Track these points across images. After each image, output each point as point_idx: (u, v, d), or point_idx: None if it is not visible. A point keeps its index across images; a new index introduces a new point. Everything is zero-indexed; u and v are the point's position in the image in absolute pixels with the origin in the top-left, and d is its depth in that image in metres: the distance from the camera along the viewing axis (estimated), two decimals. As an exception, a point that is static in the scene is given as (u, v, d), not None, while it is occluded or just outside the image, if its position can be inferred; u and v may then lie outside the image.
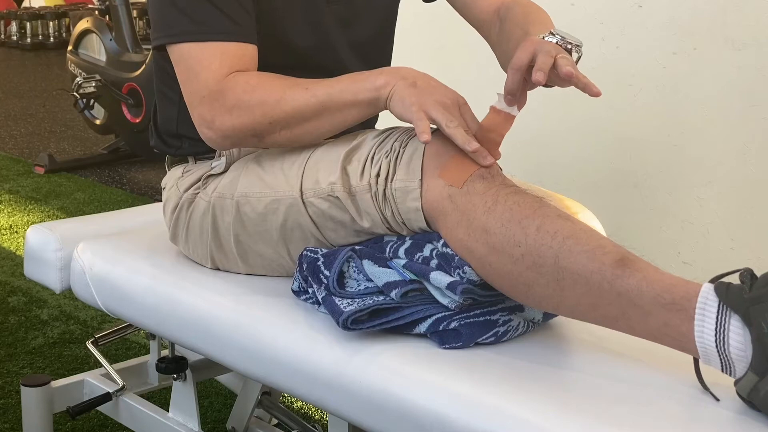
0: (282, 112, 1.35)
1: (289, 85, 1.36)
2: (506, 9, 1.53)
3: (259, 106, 1.36)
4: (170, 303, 1.52)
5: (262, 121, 1.36)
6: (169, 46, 1.43)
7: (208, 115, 1.39)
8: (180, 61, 1.42)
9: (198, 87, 1.40)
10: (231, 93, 1.37)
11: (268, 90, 1.36)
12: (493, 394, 1.14)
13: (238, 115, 1.37)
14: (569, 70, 1.22)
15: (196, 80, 1.40)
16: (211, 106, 1.38)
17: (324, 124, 1.36)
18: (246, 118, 1.37)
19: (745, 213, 2.23)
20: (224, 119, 1.38)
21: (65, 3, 9.53)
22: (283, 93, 1.35)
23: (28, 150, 4.97)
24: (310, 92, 1.34)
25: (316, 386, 1.29)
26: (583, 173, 2.52)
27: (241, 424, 1.96)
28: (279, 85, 1.37)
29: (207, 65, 1.38)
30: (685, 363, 1.13)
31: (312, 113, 1.35)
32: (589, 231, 1.18)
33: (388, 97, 1.30)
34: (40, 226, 1.78)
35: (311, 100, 1.34)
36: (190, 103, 1.42)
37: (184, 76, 1.42)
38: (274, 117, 1.36)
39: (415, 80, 1.31)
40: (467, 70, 2.74)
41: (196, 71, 1.39)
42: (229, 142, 1.42)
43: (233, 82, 1.37)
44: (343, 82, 1.34)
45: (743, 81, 2.19)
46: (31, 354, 2.50)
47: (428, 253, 1.29)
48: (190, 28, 1.40)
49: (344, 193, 1.34)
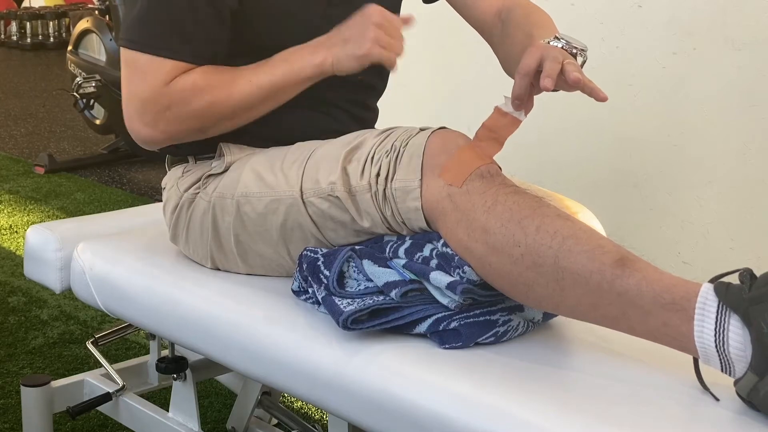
0: (230, 108, 1.42)
1: (232, 78, 1.42)
2: (507, 11, 1.53)
3: (208, 108, 1.42)
4: (170, 303, 1.52)
5: (210, 119, 1.44)
6: (123, 48, 1.45)
7: (150, 118, 1.43)
8: (130, 64, 1.44)
9: (142, 88, 1.42)
10: (178, 96, 1.41)
11: (216, 91, 1.42)
12: (493, 394, 1.14)
13: (187, 117, 1.43)
14: (577, 77, 1.22)
15: (141, 82, 1.42)
16: (154, 108, 1.42)
17: (272, 105, 1.44)
18: (195, 121, 1.44)
19: (745, 213, 2.23)
20: (170, 122, 1.43)
21: (65, 3, 9.53)
22: (230, 90, 1.41)
23: (28, 150, 4.97)
24: (254, 84, 1.41)
25: (316, 386, 1.29)
26: (583, 173, 2.52)
27: (241, 424, 1.96)
28: (224, 81, 1.42)
29: (155, 73, 1.41)
30: (685, 363, 1.13)
31: (260, 101, 1.43)
32: (589, 231, 1.18)
33: (332, 66, 1.40)
34: (40, 226, 1.78)
35: (257, 91, 1.41)
36: (131, 106, 1.44)
37: (131, 78, 1.44)
38: (223, 113, 1.43)
39: (343, 36, 1.40)
40: (467, 71, 2.75)
41: (144, 74, 1.42)
42: (171, 141, 1.48)
43: (180, 84, 1.41)
44: (282, 66, 1.42)
45: (743, 81, 2.19)
46: (31, 354, 2.50)
47: (428, 252, 1.29)
48: (144, 39, 1.42)
49: (344, 192, 1.34)
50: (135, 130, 1.45)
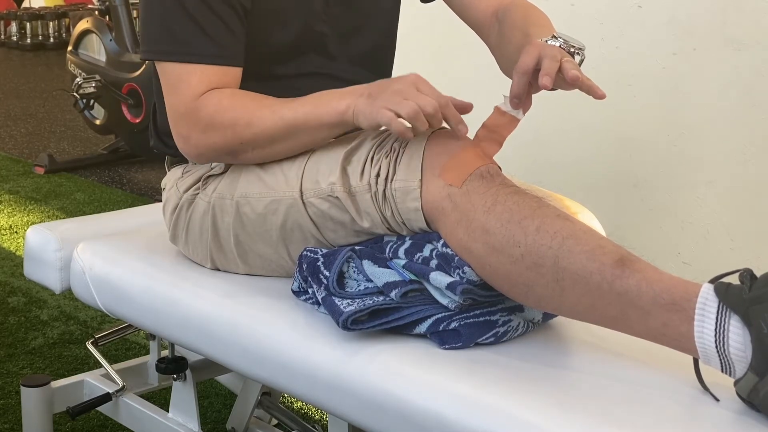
0: (251, 134, 1.38)
1: (258, 106, 1.39)
2: (504, 10, 1.53)
3: (230, 128, 1.39)
4: (170, 303, 1.52)
5: (233, 142, 1.39)
6: (157, 62, 1.45)
7: (185, 131, 1.43)
8: (162, 76, 1.45)
9: (176, 102, 1.42)
10: (204, 112, 1.40)
11: (240, 111, 1.38)
12: (493, 394, 1.14)
13: (211, 134, 1.40)
14: (575, 74, 1.22)
15: (174, 96, 1.42)
16: (187, 123, 1.42)
17: (294, 144, 1.39)
18: (218, 138, 1.40)
19: (745, 213, 2.23)
20: (199, 138, 1.42)
21: (65, 3, 9.52)
22: (252, 115, 1.38)
23: (28, 150, 4.97)
24: (277, 115, 1.36)
25: (316, 386, 1.29)
26: (583, 173, 2.52)
27: (241, 425, 1.96)
28: (250, 106, 1.39)
29: (186, 83, 1.41)
30: (685, 363, 1.13)
31: (280, 135, 1.37)
32: (589, 231, 1.18)
33: (353, 118, 1.32)
34: (39, 227, 1.78)
35: (278, 123, 1.36)
36: (170, 118, 1.45)
37: (166, 91, 1.45)
38: (245, 138, 1.39)
39: (369, 91, 1.32)
40: (466, 71, 2.75)
41: (175, 87, 1.42)
42: (204, 159, 1.46)
43: (207, 101, 1.40)
44: (308, 106, 1.36)
45: (743, 81, 2.19)
46: (31, 354, 2.50)
47: (428, 253, 1.29)
48: (171, 48, 1.42)
49: (344, 193, 1.34)
50: (176, 142, 1.46)
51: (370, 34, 1.59)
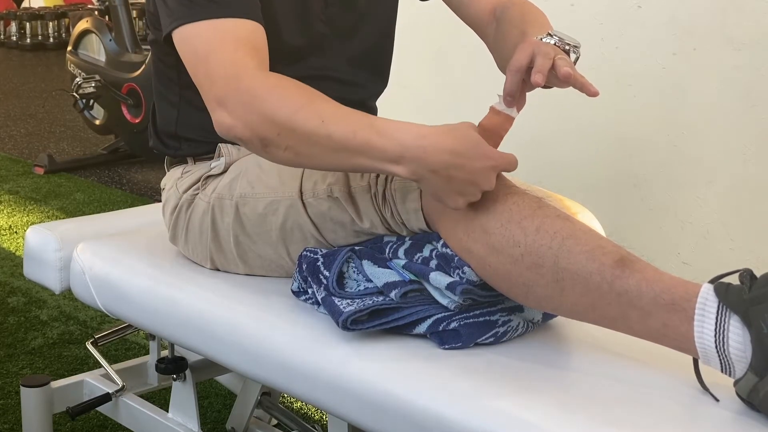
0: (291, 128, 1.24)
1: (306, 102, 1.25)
2: (502, 9, 1.53)
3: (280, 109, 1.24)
4: (170, 303, 1.51)
5: (271, 128, 1.25)
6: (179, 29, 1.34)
7: (226, 99, 1.28)
8: (188, 42, 1.33)
9: (212, 67, 1.29)
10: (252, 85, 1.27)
11: (290, 98, 1.25)
12: (493, 394, 1.14)
13: (252, 110, 1.25)
14: (567, 71, 1.22)
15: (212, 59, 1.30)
16: (227, 91, 1.28)
17: (332, 160, 1.25)
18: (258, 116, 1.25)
19: (745, 213, 2.23)
20: (240, 107, 1.26)
21: (65, 3, 9.53)
22: (300, 108, 1.24)
23: (27, 150, 4.97)
24: (325, 125, 1.22)
25: (316, 387, 1.29)
26: (583, 173, 2.52)
27: (240, 425, 1.96)
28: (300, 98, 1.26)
29: (218, 43, 1.30)
30: (685, 363, 1.13)
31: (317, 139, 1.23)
32: (589, 231, 1.18)
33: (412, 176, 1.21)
34: (39, 227, 1.78)
35: (321, 131, 1.22)
36: (202, 85, 1.31)
37: (193, 58, 1.32)
38: (283, 128, 1.24)
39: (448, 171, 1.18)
40: (466, 72, 2.74)
41: (211, 49, 1.30)
42: (233, 134, 1.29)
43: (262, 79, 1.28)
44: (363, 135, 1.21)
45: (743, 81, 2.19)
46: (31, 354, 2.50)
47: (428, 253, 1.29)
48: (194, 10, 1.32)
49: (343, 193, 1.34)
50: (216, 120, 1.30)
51: (368, 35, 1.59)
